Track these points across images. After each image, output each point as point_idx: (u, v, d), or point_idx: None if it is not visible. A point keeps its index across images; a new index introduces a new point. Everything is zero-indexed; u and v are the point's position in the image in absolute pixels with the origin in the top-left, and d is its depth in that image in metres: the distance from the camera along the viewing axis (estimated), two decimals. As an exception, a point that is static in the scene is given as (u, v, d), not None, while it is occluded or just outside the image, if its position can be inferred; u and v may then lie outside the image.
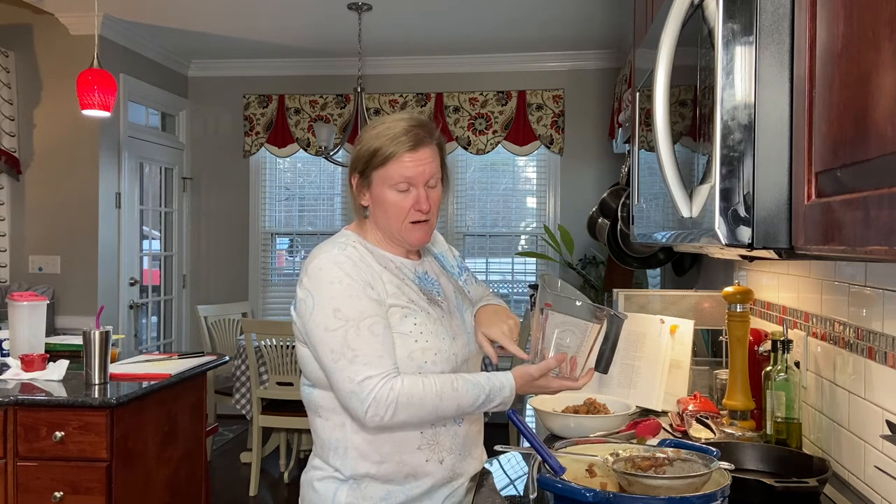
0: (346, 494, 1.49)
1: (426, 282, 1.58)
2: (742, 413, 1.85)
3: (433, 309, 1.52)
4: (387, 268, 1.52)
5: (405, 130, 1.48)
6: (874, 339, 1.43)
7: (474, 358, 1.61)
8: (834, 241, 0.72)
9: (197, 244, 5.79)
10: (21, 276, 4.60)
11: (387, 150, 1.47)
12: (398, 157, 1.47)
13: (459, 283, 1.71)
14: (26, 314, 2.74)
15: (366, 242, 1.54)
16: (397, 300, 1.48)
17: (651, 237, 1.52)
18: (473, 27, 4.73)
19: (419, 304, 1.50)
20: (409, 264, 1.58)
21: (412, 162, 1.47)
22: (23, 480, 2.36)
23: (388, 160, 1.47)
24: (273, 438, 4.67)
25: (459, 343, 1.54)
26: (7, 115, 4.45)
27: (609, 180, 5.13)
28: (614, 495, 1.17)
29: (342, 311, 1.41)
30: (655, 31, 1.38)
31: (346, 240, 1.52)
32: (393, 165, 1.47)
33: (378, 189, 1.50)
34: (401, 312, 1.47)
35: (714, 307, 2.34)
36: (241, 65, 5.62)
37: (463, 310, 1.62)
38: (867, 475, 1.45)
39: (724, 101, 0.92)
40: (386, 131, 1.49)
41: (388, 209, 1.50)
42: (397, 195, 1.49)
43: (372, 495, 1.48)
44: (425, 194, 1.49)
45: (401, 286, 1.50)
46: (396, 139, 1.47)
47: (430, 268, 1.64)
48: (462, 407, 1.43)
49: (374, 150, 1.48)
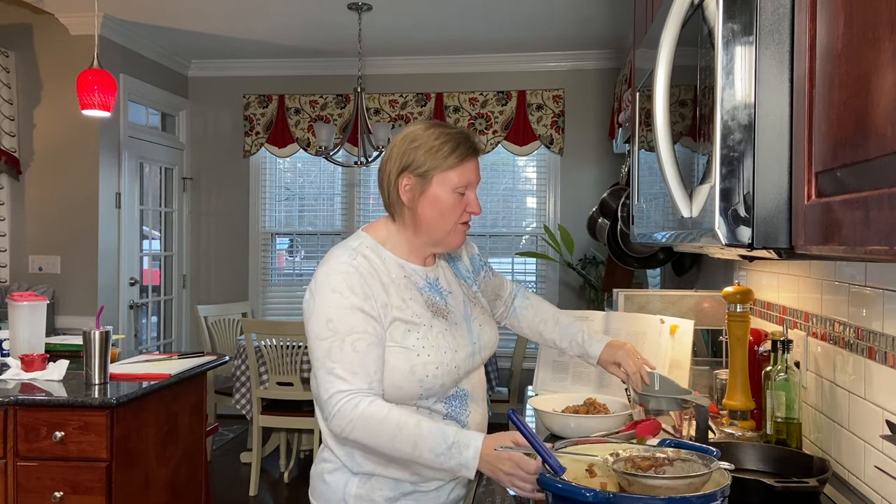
0: (357, 486, 1.52)
1: (435, 290, 1.59)
2: (742, 413, 1.85)
3: (437, 321, 1.54)
4: (395, 278, 1.53)
5: (467, 137, 1.55)
6: (874, 339, 1.43)
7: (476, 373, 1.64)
8: (834, 241, 0.72)
9: (197, 244, 5.79)
10: (21, 276, 4.60)
11: (462, 153, 1.52)
12: (467, 161, 1.53)
13: (473, 289, 1.71)
14: (26, 314, 2.74)
15: (380, 248, 1.56)
16: (402, 314, 1.50)
17: (651, 237, 1.52)
18: (473, 27, 4.73)
19: (423, 317, 1.52)
20: (422, 271, 1.59)
21: (474, 167, 1.55)
22: (23, 480, 2.36)
23: (460, 164, 1.52)
24: (273, 438, 4.67)
25: (462, 355, 1.55)
26: (7, 115, 4.45)
27: (609, 180, 5.13)
28: (614, 495, 1.17)
29: (333, 322, 1.45)
30: (655, 31, 1.38)
31: (359, 244, 1.54)
32: (462, 168, 1.53)
33: (437, 190, 1.52)
34: (404, 327, 1.49)
35: (714, 307, 2.34)
36: (241, 65, 5.62)
37: (471, 319, 1.63)
38: (867, 475, 1.45)
39: (724, 101, 0.92)
40: (449, 137, 1.53)
41: (443, 211, 1.53)
42: (456, 198, 1.53)
43: (381, 487, 1.52)
44: (477, 200, 1.57)
45: (406, 299, 1.52)
46: (467, 145, 1.54)
47: (443, 275, 1.65)
48: (419, 448, 1.38)
49: (447, 152, 1.52)
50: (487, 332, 1.66)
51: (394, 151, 1.56)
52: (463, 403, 1.58)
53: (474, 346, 1.60)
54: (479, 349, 1.61)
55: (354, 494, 1.52)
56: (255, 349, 4.01)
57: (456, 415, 1.56)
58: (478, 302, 1.70)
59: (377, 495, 1.52)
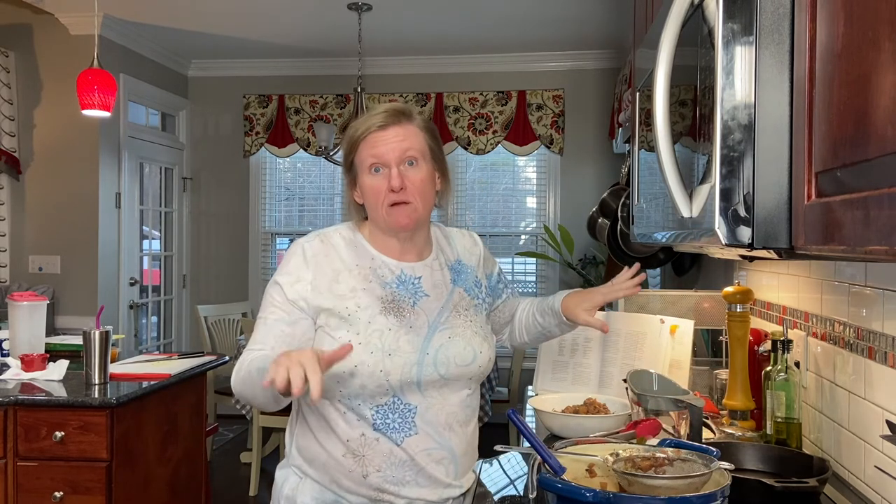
0: (290, 487, 1.50)
1: (405, 287, 1.49)
2: (742, 413, 1.85)
3: (383, 319, 1.43)
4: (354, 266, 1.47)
5: (376, 114, 1.48)
6: (874, 339, 1.43)
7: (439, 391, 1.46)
8: (834, 241, 0.72)
9: (197, 244, 5.79)
10: (21, 276, 4.60)
11: (357, 132, 1.48)
12: (367, 136, 1.46)
13: (475, 302, 1.57)
14: (26, 314, 2.74)
15: (357, 235, 1.53)
16: (336, 304, 1.43)
17: (651, 237, 1.52)
18: (473, 27, 4.73)
19: (365, 311, 1.43)
20: (395, 265, 1.50)
21: (381, 140, 1.45)
22: (23, 480, 2.36)
23: (359, 142, 1.47)
24: (273, 438, 4.67)
25: (398, 361, 1.41)
26: (7, 115, 4.45)
27: (609, 180, 5.13)
28: (614, 495, 1.17)
29: (269, 292, 1.47)
30: (655, 31, 1.37)
31: (334, 229, 1.54)
32: (363, 147, 1.46)
33: (360, 178, 1.49)
34: (337, 319, 1.43)
35: (714, 307, 2.34)
36: (241, 65, 5.62)
37: (436, 328, 1.47)
38: (867, 475, 1.45)
39: (724, 101, 0.92)
40: (361, 121, 1.50)
41: (368, 196, 1.47)
42: (373, 178, 1.46)
43: (306, 491, 1.47)
44: (398, 173, 1.44)
45: (356, 289, 1.45)
46: (366, 121, 1.48)
47: (430, 276, 1.53)
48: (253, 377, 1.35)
49: (349, 137, 1.49)
50: (456, 348, 1.47)
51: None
52: (404, 419, 1.43)
53: (423, 355, 1.44)
54: (432, 362, 1.44)
55: (286, 496, 1.49)
56: (255, 349, 4.00)
57: (387, 429, 1.42)
58: (469, 317, 1.53)
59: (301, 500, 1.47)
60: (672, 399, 1.66)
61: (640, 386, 1.75)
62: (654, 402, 1.68)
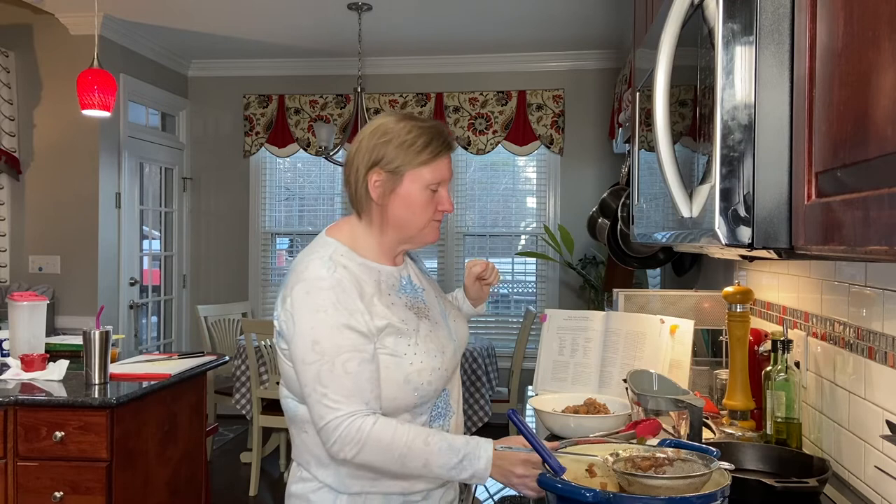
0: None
1: (411, 290, 1.52)
2: (742, 413, 1.85)
3: (422, 323, 1.47)
4: (375, 285, 1.44)
5: (441, 132, 1.47)
6: (874, 339, 1.43)
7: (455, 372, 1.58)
8: (834, 241, 0.72)
9: (197, 244, 5.79)
10: (21, 276, 4.60)
11: (435, 149, 1.44)
12: (441, 157, 1.46)
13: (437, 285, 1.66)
14: (26, 314, 2.74)
15: (353, 254, 1.46)
16: (389, 320, 1.41)
17: (651, 237, 1.52)
18: (473, 27, 4.73)
19: (410, 321, 1.45)
20: (395, 272, 1.51)
21: (446, 165, 1.48)
22: (23, 480, 2.36)
23: (433, 160, 1.44)
24: (273, 438, 4.67)
25: (448, 355, 1.49)
26: (7, 115, 4.45)
27: (609, 180, 5.13)
28: (614, 495, 1.17)
29: (320, 344, 1.36)
30: (655, 31, 1.38)
31: (332, 252, 1.44)
32: (435, 165, 1.45)
33: (409, 187, 1.44)
34: (396, 334, 1.41)
35: (714, 307, 2.34)
36: (241, 65, 5.62)
37: (447, 316, 1.57)
38: (867, 475, 1.45)
39: (724, 101, 0.92)
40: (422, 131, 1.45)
41: (415, 208, 1.45)
42: (428, 195, 1.46)
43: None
44: (449, 197, 1.50)
45: (389, 305, 1.44)
46: (440, 140, 1.46)
47: (413, 272, 1.58)
48: (430, 464, 1.36)
49: (420, 147, 1.43)
50: (462, 327, 1.60)
51: (363, 145, 1.46)
52: (446, 405, 1.52)
53: (455, 343, 1.54)
54: (458, 346, 1.55)
55: None
56: (255, 349, 4.01)
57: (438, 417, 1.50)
58: (445, 296, 1.65)
59: None
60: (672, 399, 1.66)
61: (640, 386, 1.75)
62: (654, 402, 1.68)
